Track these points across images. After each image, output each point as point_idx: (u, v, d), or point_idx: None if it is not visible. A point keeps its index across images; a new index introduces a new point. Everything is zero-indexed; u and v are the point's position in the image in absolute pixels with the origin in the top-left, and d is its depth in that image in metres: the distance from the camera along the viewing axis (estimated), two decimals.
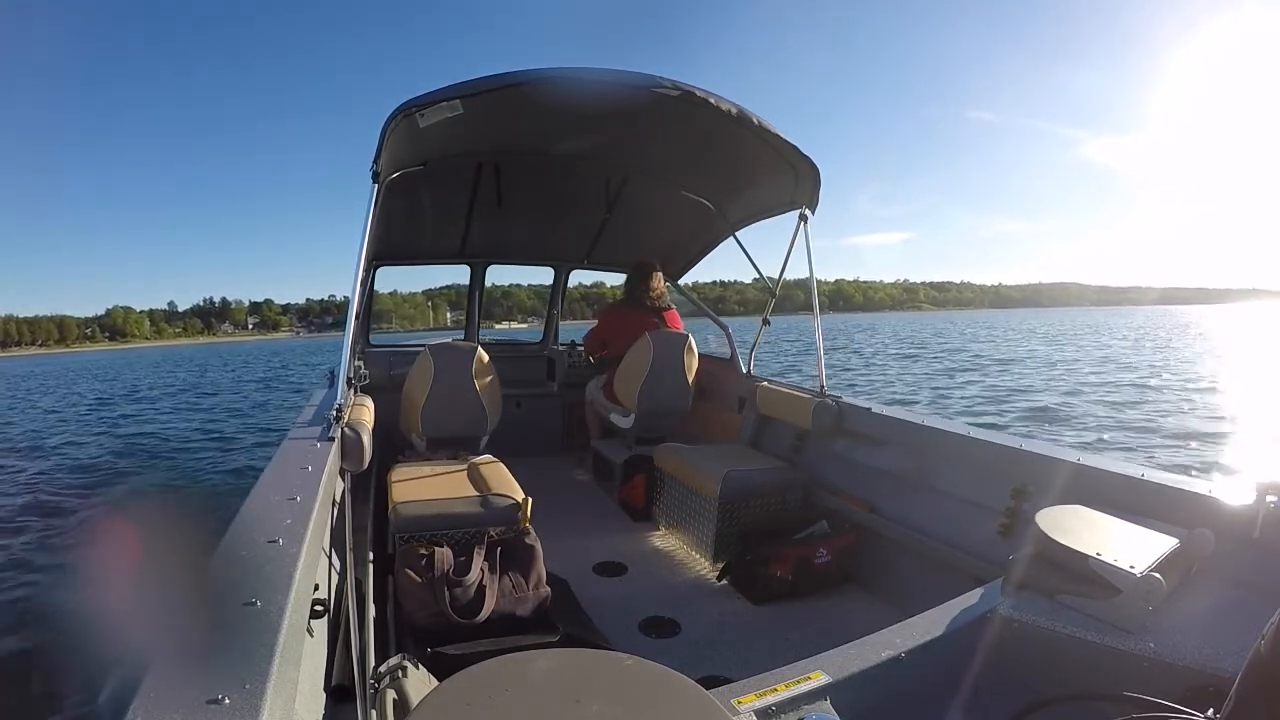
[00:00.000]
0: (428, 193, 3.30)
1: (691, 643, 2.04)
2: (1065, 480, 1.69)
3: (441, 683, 0.76)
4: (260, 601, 0.83)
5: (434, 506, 2.18)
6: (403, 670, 1.11)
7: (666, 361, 3.25)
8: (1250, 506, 1.34)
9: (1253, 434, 8.57)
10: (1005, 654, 1.14)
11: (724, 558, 2.45)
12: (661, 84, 2.18)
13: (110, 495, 6.93)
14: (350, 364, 2.02)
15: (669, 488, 2.90)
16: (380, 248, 3.45)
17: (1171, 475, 1.59)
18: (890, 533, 2.28)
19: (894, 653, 1.06)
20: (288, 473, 1.43)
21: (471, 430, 2.96)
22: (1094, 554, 1.18)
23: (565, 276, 4.56)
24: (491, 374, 2.99)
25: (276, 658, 0.72)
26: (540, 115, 2.60)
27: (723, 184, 3.21)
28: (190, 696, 0.63)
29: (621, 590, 2.40)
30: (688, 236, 3.81)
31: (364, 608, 1.54)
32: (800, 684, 0.97)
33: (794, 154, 2.57)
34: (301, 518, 1.14)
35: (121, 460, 9.03)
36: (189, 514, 1.42)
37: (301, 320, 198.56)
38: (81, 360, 69.65)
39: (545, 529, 2.13)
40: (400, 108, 2.11)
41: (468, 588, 1.79)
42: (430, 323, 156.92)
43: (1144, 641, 1.08)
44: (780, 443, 2.96)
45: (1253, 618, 0.72)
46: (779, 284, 3.20)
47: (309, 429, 1.85)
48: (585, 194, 3.61)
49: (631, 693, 0.74)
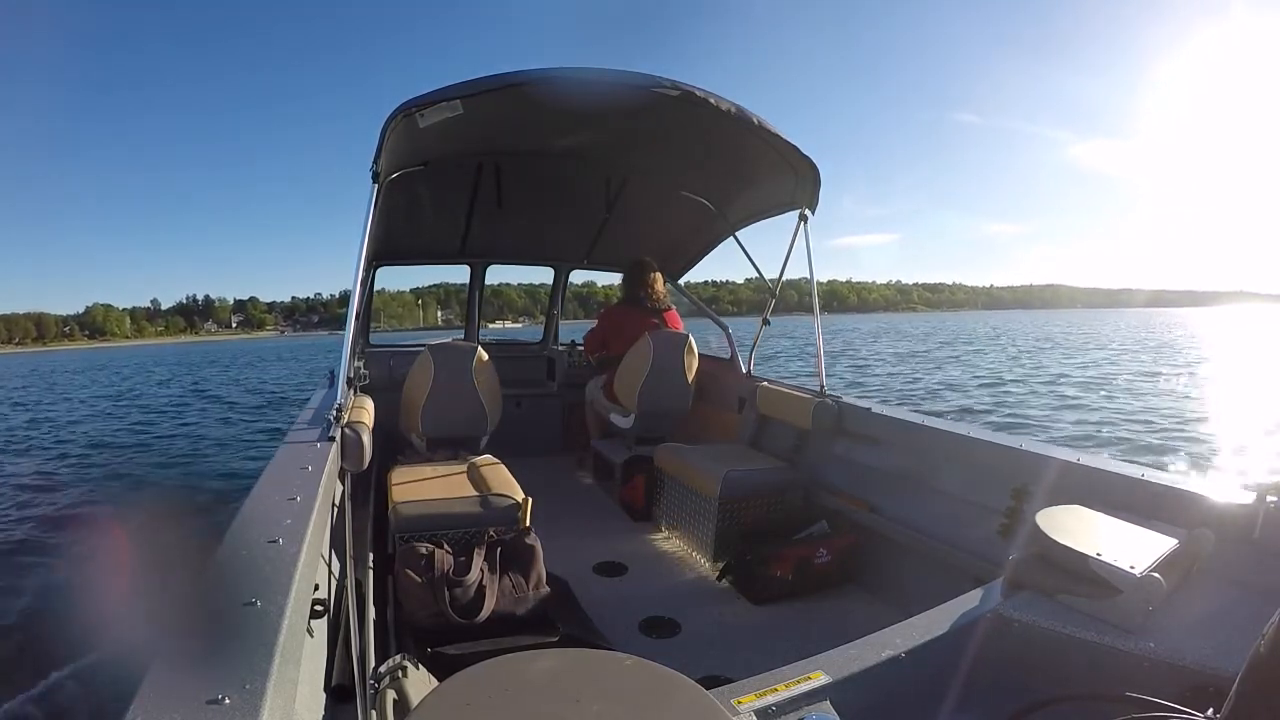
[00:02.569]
0: (428, 193, 3.30)
1: (691, 643, 2.04)
2: (1065, 480, 1.69)
3: (441, 683, 0.76)
4: (260, 601, 0.83)
5: (434, 506, 2.18)
6: (403, 670, 1.11)
7: (666, 362, 3.25)
8: (1250, 506, 1.34)
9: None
10: (1005, 654, 1.14)
11: (724, 558, 2.45)
12: (661, 84, 2.18)
13: (110, 496, 6.93)
14: (350, 364, 2.02)
15: (669, 488, 2.90)
16: (380, 248, 3.45)
17: (1171, 475, 1.60)
18: (890, 533, 2.28)
19: (894, 653, 1.06)
20: (288, 473, 1.43)
21: (471, 430, 2.96)
22: (1094, 554, 1.18)
23: (565, 277, 4.56)
24: (491, 374, 2.99)
25: (276, 658, 0.72)
26: (540, 115, 2.60)
27: (722, 184, 3.21)
28: (190, 696, 0.63)
29: (621, 590, 2.40)
30: (687, 236, 3.81)
31: (364, 608, 1.54)
32: (800, 684, 0.97)
33: (794, 154, 2.57)
34: (301, 518, 1.14)
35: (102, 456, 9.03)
36: (189, 514, 1.42)
37: (287, 319, 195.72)
38: (52, 360, 66.07)
39: (545, 529, 2.13)
40: (400, 108, 2.11)
41: (468, 588, 1.79)
42: (420, 322, 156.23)
43: (1144, 641, 1.08)
44: (780, 443, 2.96)
45: (1253, 618, 0.72)
46: (779, 284, 3.20)
47: (309, 429, 1.85)
48: (585, 194, 3.61)
49: (631, 693, 0.74)
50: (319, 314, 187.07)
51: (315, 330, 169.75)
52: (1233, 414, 10.27)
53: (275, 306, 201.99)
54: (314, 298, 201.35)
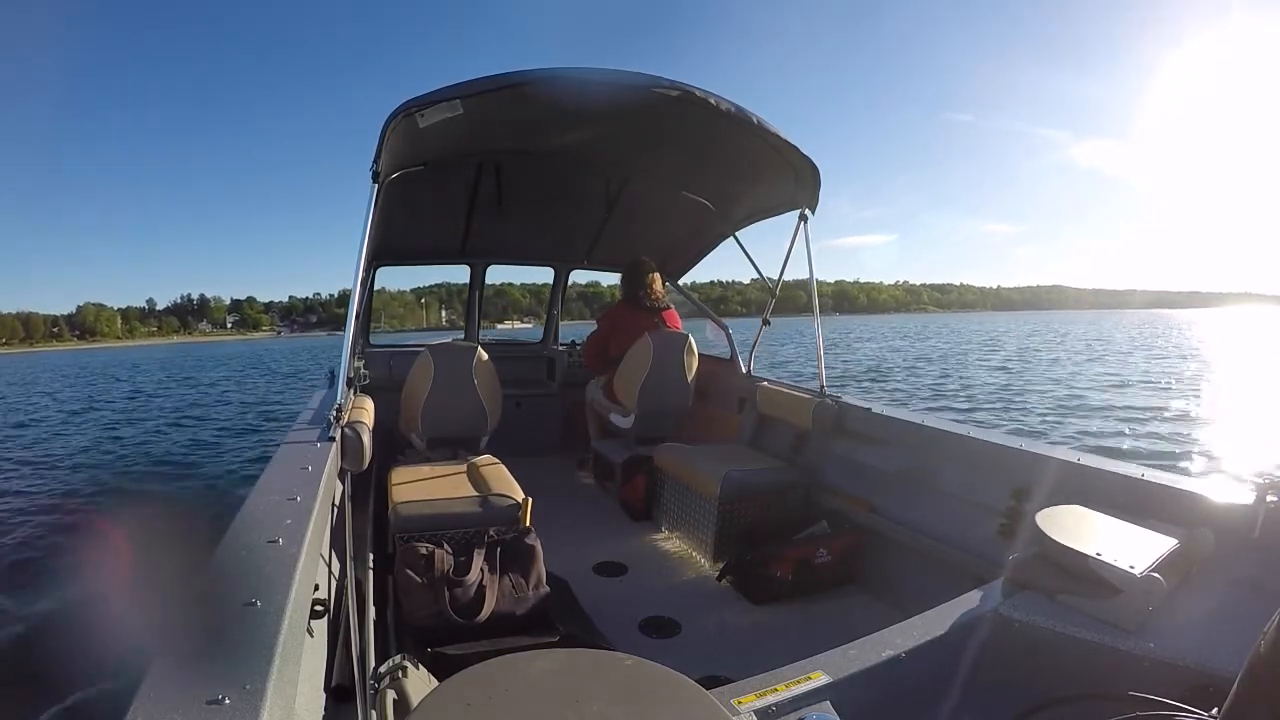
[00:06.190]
0: (428, 193, 3.30)
1: (691, 643, 2.04)
2: (1065, 480, 1.69)
3: (441, 683, 0.76)
4: (260, 602, 0.83)
5: (434, 506, 2.18)
6: (403, 670, 1.12)
7: (667, 361, 3.25)
8: (1250, 506, 1.34)
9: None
10: (1005, 654, 1.14)
11: (724, 558, 2.45)
12: (661, 84, 2.18)
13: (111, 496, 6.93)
14: (350, 364, 2.02)
15: (669, 488, 2.90)
16: (380, 248, 3.45)
17: (1171, 475, 1.59)
18: (890, 533, 2.28)
19: (894, 653, 1.06)
20: (288, 473, 1.43)
21: (471, 430, 2.96)
22: (1094, 554, 1.18)
23: (565, 277, 4.56)
24: (491, 374, 2.98)
25: (276, 658, 0.72)
26: (540, 115, 2.60)
27: (723, 184, 3.21)
28: (190, 696, 0.63)
29: (621, 590, 2.40)
30: (687, 237, 3.81)
31: (364, 608, 1.54)
32: (800, 684, 0.97)
33: (794, 154, 2.57)
34: (301, 518, 1.14)
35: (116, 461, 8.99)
36: (189, 514, 1.42)
37: (284, 319, 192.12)
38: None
39: (545, 529, 2.13)
40: (400, 108, 2.11)
41: (468, 588, 1.79)
42: (422, 322, 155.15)
43: (1144, 641, 1.08)
44: (780, 443, 2.96)
45: (1253, 618, 0.72)
46: (779, 284, 3.20)
47: (309, 429, 1.85)
48: (585, 194, 3.61)
49: (631, 693, 0.74)
50: (317, 314, 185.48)
51: (313, 331, 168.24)
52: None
53: (272, 306, 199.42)
54: (312, 297, 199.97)
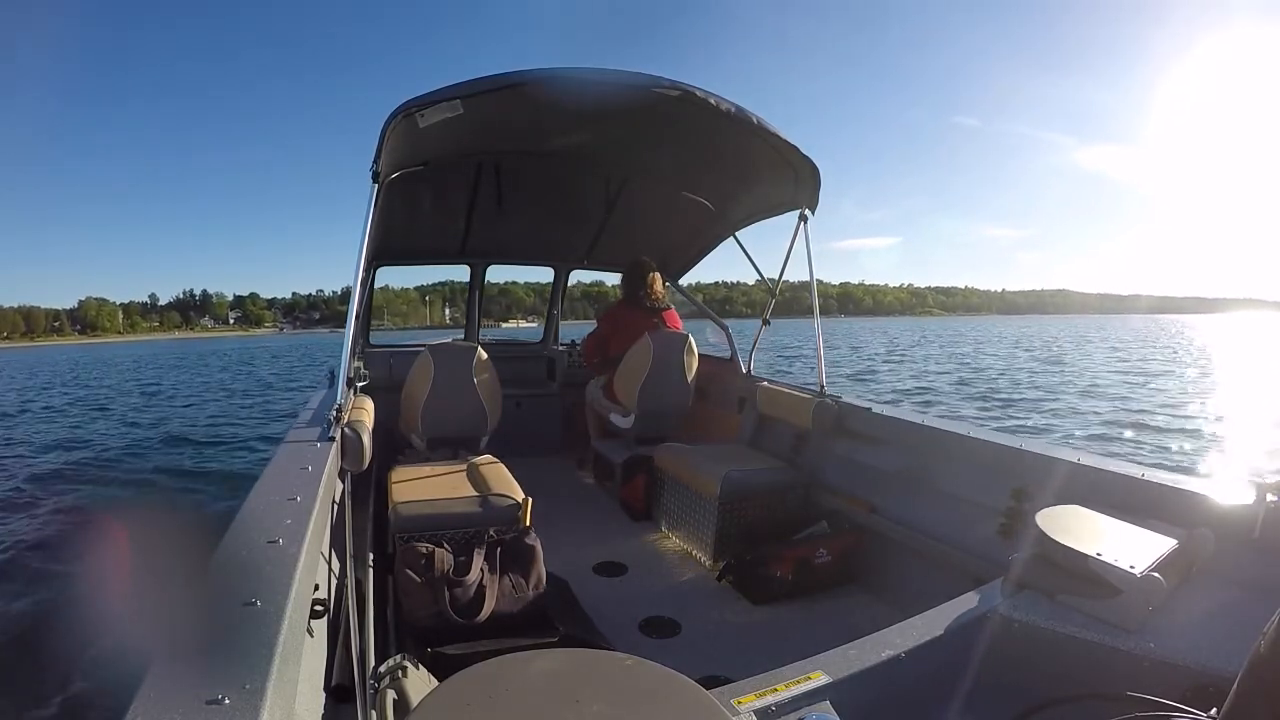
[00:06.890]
0: (428, 193, 3.30)
1: (691, 643, 2.04)
2: (1065, 480, 1.69)
3: (441, 683, 0.76)
4: (260, 602, 0.83)
5: (434, 506, 2.17)
6: (403, 670, 1.12)
7: (667, 362, 3.25)
8: (1250, 506, 1.34)
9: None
10: (1005, 654, 1.14)
11: (724, 558, 2.45)
12: (661, 84, 2.18)
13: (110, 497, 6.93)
14: (350, 364, 2.02)
15: (669, 488, 2.90)
16: (380, 248, 3.45)
17: (1171, 475, 1.59)
18: (890, 533, 2.28)
19: (894, 653, 1.06)
20: (288, 473, 1.43)
21: (471, 430, 2.96)
22: (1094, 554, 1.18)
23: (565, 276, 4.56)
24: (491, 374, 2.98)
25: (276, 658, 0.72)
26: (540, 115, 2.60)
27: (723, 184, 3.21)
28: (190, 696, 0.63)
29: (621, 590, 2.40)
30: (688, 237, 3.81)
31: (364, 608, 1.54)
32: (800, 684, 0.97)
33: (794, 154, 2.57)
34: (301, 518, 1.14)
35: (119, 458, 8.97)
36: (189, 514, 1.42)
37: (286, 316, 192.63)
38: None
39: (545, 529, 2.13)
40: (400, 108, 2.11)
41: (468, 588, 1.79)
42: (427, 320, 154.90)
43: (1144, 641, 1.08)
44: (780, 443, 2.96)
45: (1253, 618, 0.72)
46: (779, 284, 3.20)
47: (309, 429, 1.85)
48: (585, 194, 3.61)
49: (631, 693, 0.74)
50: (320, 311, 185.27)
51: (316, 328, 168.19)
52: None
53: (275, 303, 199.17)
54: (316, 294, 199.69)
